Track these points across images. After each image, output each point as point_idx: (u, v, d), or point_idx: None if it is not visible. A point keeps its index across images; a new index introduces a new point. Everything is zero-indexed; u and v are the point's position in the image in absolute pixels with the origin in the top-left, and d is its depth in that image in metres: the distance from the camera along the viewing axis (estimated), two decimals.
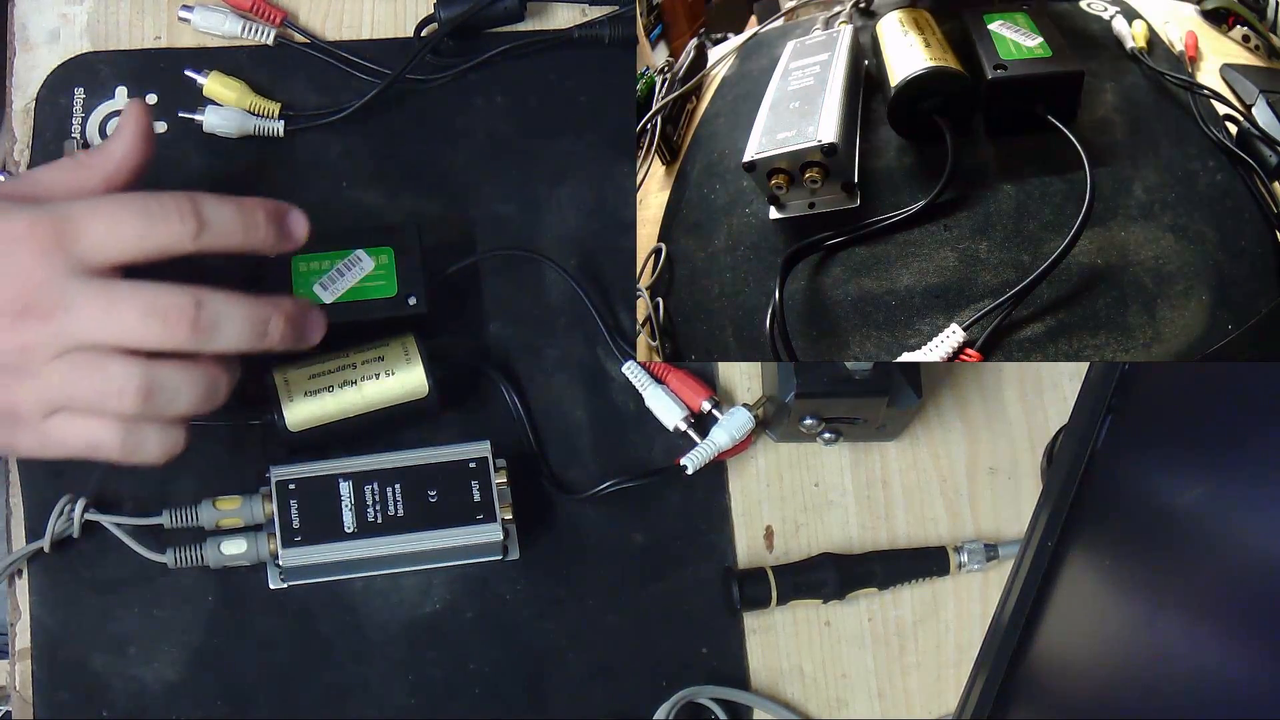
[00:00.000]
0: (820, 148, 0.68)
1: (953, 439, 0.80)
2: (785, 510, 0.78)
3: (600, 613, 0.75)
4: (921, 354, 0.61)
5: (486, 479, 0.73)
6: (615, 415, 0.78)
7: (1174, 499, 0.57)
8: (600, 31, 0.83)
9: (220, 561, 0.72)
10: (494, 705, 0.74)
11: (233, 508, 0.72)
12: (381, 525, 0.71)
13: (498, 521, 0.72)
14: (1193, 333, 0.61)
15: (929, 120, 0.73)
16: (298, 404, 0.72)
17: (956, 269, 0.67)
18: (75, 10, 0.82)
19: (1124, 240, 0.67)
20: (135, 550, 0.72)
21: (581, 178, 0.82)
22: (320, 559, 0.71)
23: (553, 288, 0.80)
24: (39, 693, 0.72)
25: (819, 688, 0.76)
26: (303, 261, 0.74)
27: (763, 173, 0.71)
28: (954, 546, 0.77)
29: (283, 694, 0.73)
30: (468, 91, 0.82)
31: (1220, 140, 0.72)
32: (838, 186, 0.72)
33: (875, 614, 0.77)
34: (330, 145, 0.81)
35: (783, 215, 0.74)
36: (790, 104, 0.75)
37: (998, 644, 0.64)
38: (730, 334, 0.70)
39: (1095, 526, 0.63)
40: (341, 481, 0.72)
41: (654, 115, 0.89)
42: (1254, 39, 0.83)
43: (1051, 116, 0.72)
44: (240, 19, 0.81)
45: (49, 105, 0.80)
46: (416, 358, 0.74)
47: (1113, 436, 0.64)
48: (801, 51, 0.84)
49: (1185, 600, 0.53)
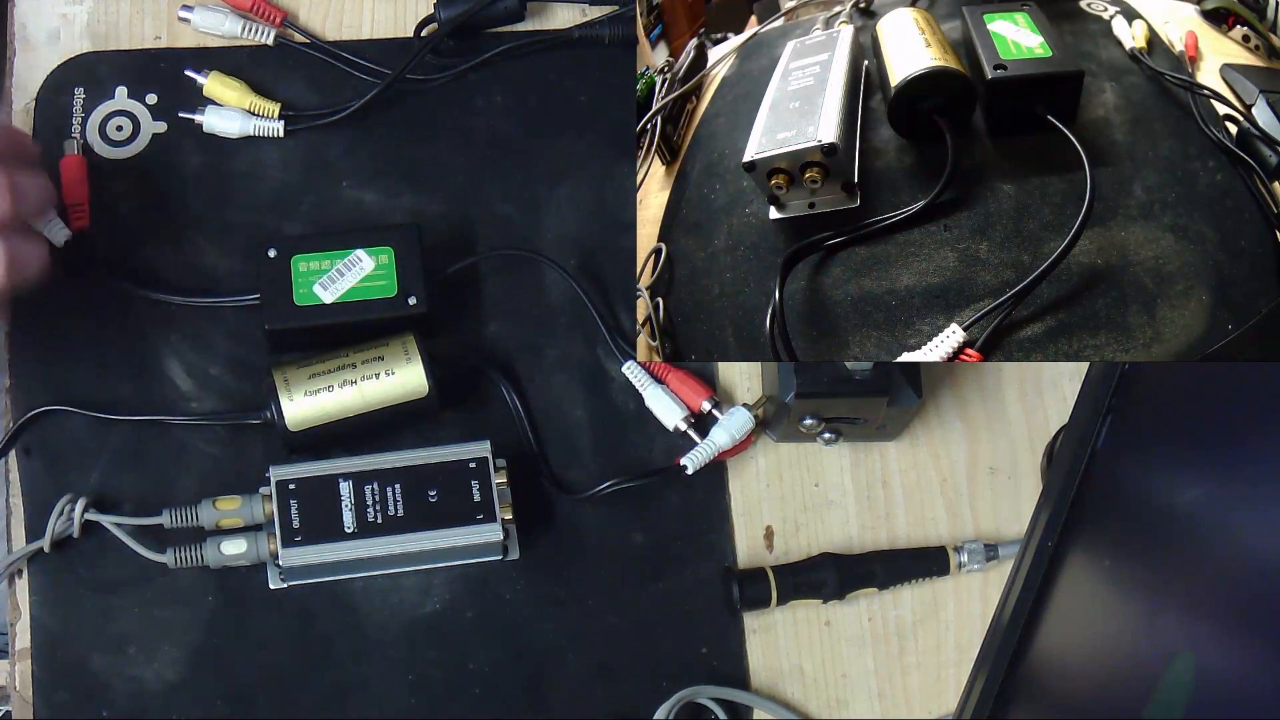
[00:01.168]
0: (820, 147, 0.68)
1: (953, 439, 0.80)
2: (785, 510, 0.78)
3: (600, 613, 0.75)
4: (921, 354, 0.61)
5: (486, 479, 0.73)
6: (615, 415, 0.78)
7: (1174, 499, 0.57)
8: (600, 31, 0.83)
9: (220, 562, 0.72)
10: (494, 705, 0.74)
11: (233, 508, 0.72)
12: (381, 525, 0.71)
13: (498, 521, 0.72)
14: (1193, 333, 0.61)
15: (929, 120, 0.73)
16: (297, 403, 0.72)
17: (956, 269, 0.67)
18: (75, 10, 0.82)
19: (1124, 240, 0.67)
20: (135, 550, 0.72)
21: (581, 178, 0.82)
22: (320, 559, 0.71)
23: (553, 288, 0.80)
24: (39, 693, 0.72)
25: (819, 688, 0.76)
26: (303, 261, 0.74)
27: (763, 173, 0.71)
28: (954, 546, 0.77)
29: (283, 694, 0.73)
30: (468, 91, 0.82)
31: (1220, 140, 0.72)
32: (838, 186, 0.72)
33: (875, 614, 0.77)
34: (330, 145, 0.81)
35: (783, 215, 0.74)
36: (790, 104, 0.75)
37: (998, 644, 0.64)
38: (730, 334, 0.70)
39: (1095, 526, 0.63)
40: (341, 481, 0.72)
41: (654, 115, 0.89)
42: (1254, 39, 0.83)
43: (1051, 116, 0.72)
44: (240, 19, 0.81)
45: (49, 105, 0.80)
46: (417, 357, 0.74)
47: (1113, 436, 0.64)
48: (801, 51, 0.84)
49: (1185, 600, 0.53)
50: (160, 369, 0.76)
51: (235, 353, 0.77)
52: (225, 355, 0.77)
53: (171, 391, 0.76)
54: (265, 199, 0.80)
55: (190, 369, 0.76)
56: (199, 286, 0.77)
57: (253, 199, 0.80)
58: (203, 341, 0.77)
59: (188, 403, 0.76)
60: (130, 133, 0.80)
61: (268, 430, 0.73)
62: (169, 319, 0.77)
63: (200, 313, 0.77)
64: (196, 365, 0.76)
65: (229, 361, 0.76)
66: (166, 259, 0.78)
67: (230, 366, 0.76)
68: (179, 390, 0.76)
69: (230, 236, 0.78)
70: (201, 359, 0.76)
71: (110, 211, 0.78)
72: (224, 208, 0.79)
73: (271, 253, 0.74)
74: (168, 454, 0.75)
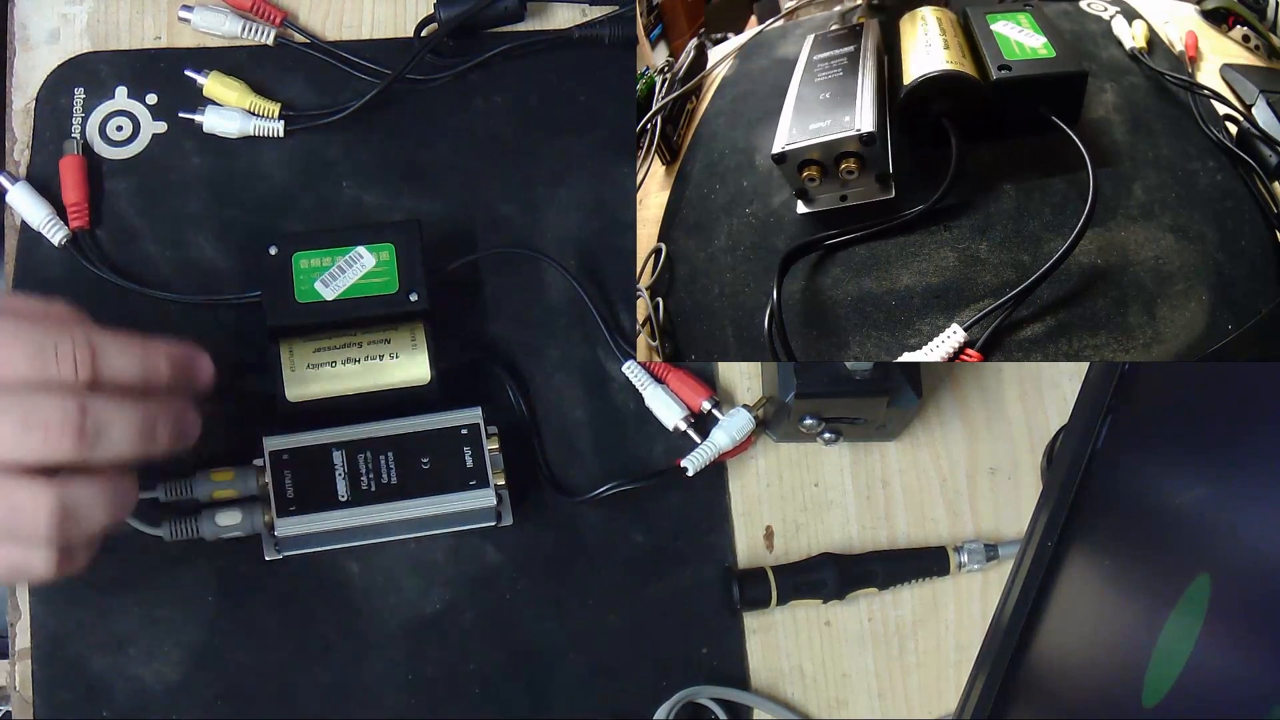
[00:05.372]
0: (859, 136, 0.67)
1: (953, 439, 0.80)
2: (785, 510, 0.78)
3: (600, 613, 0.75)
4: (922, 354, 0.61)
5: (479, 445, 0.73)
6: (615, 415, 0.78)
7: (1174, 499, 0.57)
8: (600, 31, 0.83)
9: (215, 533, 0.72)
10: (494, 705, 0.74)
11: (228, 479, 0.72)
12: (375, 493, 0.72)
13: (490, 487, 0.72)
14: (1193, 333, 0.61)
15: (937, 123, 0.73)
16: (300, 375, 0.73)
17: (957, 269, 0.67)
18: (75, 10, 0.82)
19: (1124, 240, 0.66)
20: (131, 524, 0.71)
21: (581, 178, 0.82)
22: (315, 528, 0.71)
23: (553, 287, 0.80)
24: (39, 693, 0.72)
25: (819, 688, 0.76)
26: (304, 258, 0.74)
27: (793, 164, 0.69)
28: (954, 546, 0.77)
29: (283, 694, 0.73)
30: (468, 91, 0.82)
31: (1220, 140, 0.72)
32: (872, 178, 0.71)
33: (875, 614, 0.77)
34: (330, 145, 0.81)
35: (811, 210, 0.73)
36: (820, 95, 0.73)
37: (998, 644, 0.64)
38: (730, 334, 0.70)
39: (1095, 526, 0.63)
40: (335, 451, 0.72)
41: (654, 115, 0.89)
42: (1254, 39, 0.83)
43: (1055, 117, 0.72)
44: (240, 19, 0.81)
45: (49, 105, 0.80)
46: (422, 345, 0.74)
47: (1113, 436, 0.64)
48: (825, 44, 0.83)
49: (1185, 600, 0.53)
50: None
51: (236, 352, 0.76)
52: (225, 354, 0.76)
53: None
54: (265, 199, 0.80)
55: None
56: (199, 286, 0.77)
57: (253, 199, 0.80)
58: (203, 341, 0.76)
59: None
60: (130, 133, 0.80)
61: (263, 403, 0.73)
62: (169, 319, 0.77)
63: (200, 312, 0.77)
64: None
65: (229, 361, 0.76)
66: (166, 259, 0.78)
67: (230, 366, 0.76)
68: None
69: (230, 236, 0.79)
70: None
71: (110, 211, 0.78)
72: (224, 207, 0.79)
73: (272, 250, 0.74)
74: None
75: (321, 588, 0.74)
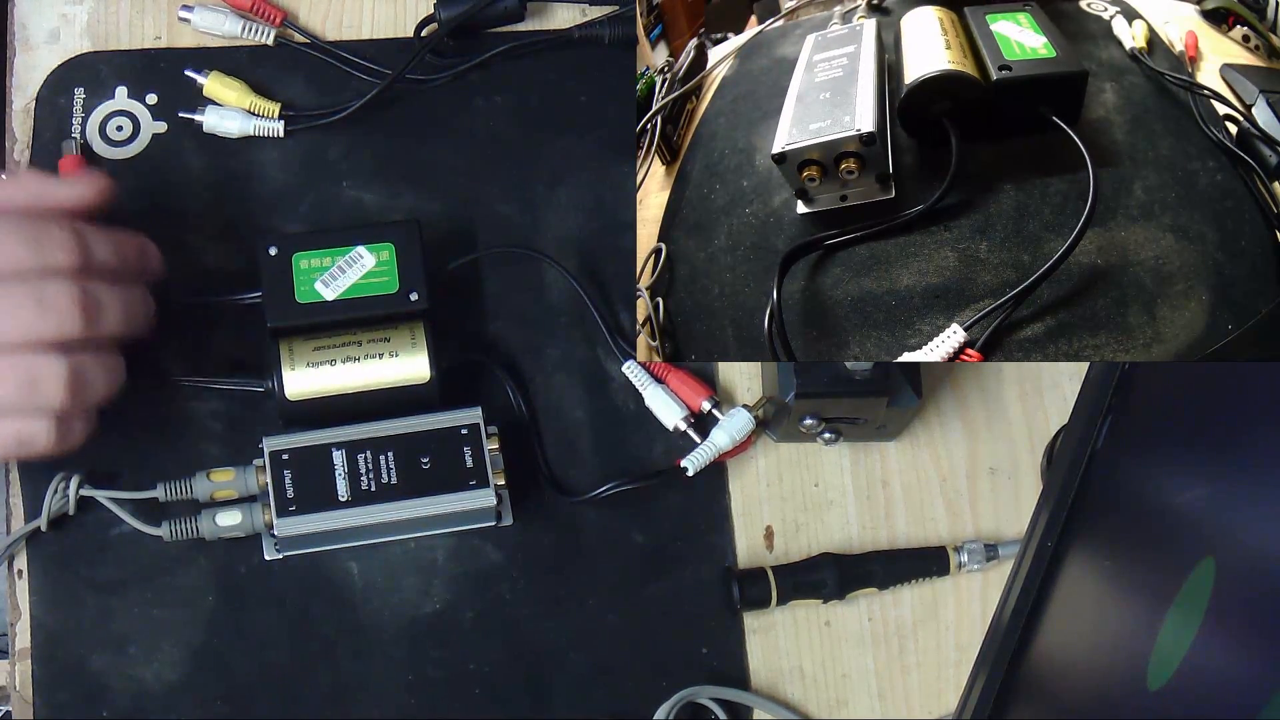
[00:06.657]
0: (859, 136, 0.67)
1: (953, 439, 0.80)
2: (785, 510, 0.78)
3: (600, 613, 0.75)
4: (922, 354, 0.61)
5: (478, 445, 0.73)
6: (615, 415, 0.78)
7: (1174, 499, 0.57)
8: (600, 31, 0.83)
9: (215, 533, 0.72)
10: (494, 705, 0.74)
11: (227, 479, 0.72)
12: (375, 493, 0.72)
13: (490, 487, 0.72)
14: (1193, 333, 0.61)
15: (938, 123, 0.73)
16: (299, 373, 0.73)
17: (957, 269, 0.67)
18: (75, 10, 0.82)
19: (1124, 240, 0.66)
20: (131, 524, 0.72)
21: (581, 178, 0.82)
22: (315, 528, 0.71)
23: (553, 287, 0.80)
24: (39, 693, 0.72)
25: (819, 688, 0.76)
26: (304, 258, 0.74)
27: (793, 164, 0.70)
28: (954, 546, 0.77)
29: (283, 694, 0.73)
30: (468, 91, 0.82)
31: (1220, 140, 0.72)
32: (872, 178, 0.71)
33: (875, 614, 0.77)
34: (330, 145, 0.81)
35: (811, 210, 0.73)
36: (820, 95, 0.73)
37: (998, 644, 0.64)
38: (730, 334, 0.70)
39: (1095, 526, 0.63)
40: (335, 450, 0.72)
41: (654, 115, 0.89)
42: (1254, 39, 0.83)
43: (1056, 117, 0.72)
44: (240, 19, 0.81)
45: (49, 105, 0.80)
46: (422, 344, 0.74)
47: (1113, 436, 0.64)
48: (825, 44, 0.83)
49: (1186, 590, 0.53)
50: (161, 369, 0.76)
51: (236, 352, 0.76)
52: (226, 355, 0.77)
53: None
54: (265, 199, 0.80)
55: (191, 368, 0.76)
56: (199, 286, 0.77)
57: (253, 199, 0.80)
58: (203, 341, 0.77)
59: (187, 402, 0.76)
60: (130, 133, 0.80)
61: (263, 403, 0.73)
62: (169, 318, 0.77)
63: (201, 312, 0.77)
64: (198, 365, 0.76)
65: (230, 361, 0.76)
66: (166, 259, 0.78)
67: (231, 366, 0.76)
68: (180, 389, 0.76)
69: (230, 236, 0.78)
70: (202, 358, 0.76)
71: (110, 211, 0.78)
72: (224, 208, 0.79)
73: (272, 250, 0.74)
74: (164, 430, 0.75)
75: (321, 588, 0.74)
